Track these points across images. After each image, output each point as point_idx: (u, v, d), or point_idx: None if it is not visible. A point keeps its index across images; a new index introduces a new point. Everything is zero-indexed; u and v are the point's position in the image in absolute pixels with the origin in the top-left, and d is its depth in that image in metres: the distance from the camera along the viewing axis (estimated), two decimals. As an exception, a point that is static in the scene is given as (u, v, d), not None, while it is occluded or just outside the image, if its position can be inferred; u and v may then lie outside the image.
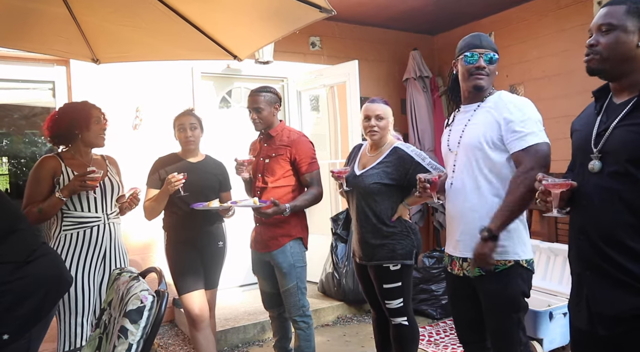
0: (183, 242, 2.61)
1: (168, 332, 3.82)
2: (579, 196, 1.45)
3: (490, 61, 1.87)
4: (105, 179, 2.39)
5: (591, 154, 1.39)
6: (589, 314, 1.40)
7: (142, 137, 3.84)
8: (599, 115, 1.44)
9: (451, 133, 2.01)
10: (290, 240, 2.57)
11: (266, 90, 2.65)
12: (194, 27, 2.39)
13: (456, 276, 1.96)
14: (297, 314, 2.60)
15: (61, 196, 2.20)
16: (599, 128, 1.41)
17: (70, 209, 2.28)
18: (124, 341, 1.35)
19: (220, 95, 4.55)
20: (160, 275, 1.62)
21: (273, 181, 2.58)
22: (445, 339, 3.48)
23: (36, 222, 2.23)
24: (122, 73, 3.73)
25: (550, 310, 2.95)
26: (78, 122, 2.32)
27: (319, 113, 4.97)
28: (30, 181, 2.27)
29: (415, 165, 2.35)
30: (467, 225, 1.88)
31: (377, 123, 2.42)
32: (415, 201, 2.46)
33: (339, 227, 4.06)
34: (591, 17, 4.53)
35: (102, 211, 2.36)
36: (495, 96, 1.90)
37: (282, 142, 2.61)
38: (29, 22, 2.38)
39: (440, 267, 3.90)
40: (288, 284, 2.57)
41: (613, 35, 1.35)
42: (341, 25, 4.73)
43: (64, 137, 2.35)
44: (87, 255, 2.30)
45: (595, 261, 1.38)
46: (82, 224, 2.30)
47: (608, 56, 1.36)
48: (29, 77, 3.67)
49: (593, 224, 1.40)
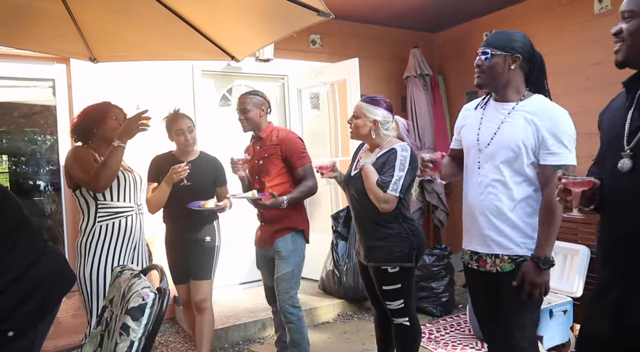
0: (170, 234, 2.81)
1: (169, 330, 3.83)
2: (609, 197, 1.37)
3: (485, 58, 1.83)
4: (133, 172, 2.50)
5: (622, 151, 1.31)
6: (613, 323, 1.32)
7: (142, 135, 3.83)
8: (631, 109, 1.33)
9: (482, 127, 1.94)
10: (291, 231, 2.69)
11: (254, 93, 2.78)
12: (192, 27, 2.40)
13: (481, 272, 1.93)
14: (287, 303, 2.64)
15: (120, 143, 2.22)
16: (631, 125, 1.31)
17: (106, 199, 2.32)
18: (125, 338, 1.35)
19: (220, 93, 4.55)
20: (161, 272, 1.62)
21: (269, 181, 2.68)
22: (445, 337, 3.48)
23: (106, 180, 2.24)
24: (123, 71, 3.73)
25: (550, 307, 2.96)
26: (96, 118, 2.40)
27: (319, 111, 4.97)
28: (74, 163, 2.30)
29: (387, 168, 2.28)
30: (503, 223, 1.85)
31: (353, 121, 2.41)
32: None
33: (339, 224, 4.06)
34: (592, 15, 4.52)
35: (134, 202, 2.43)
36: (535, 102, 1.84)
37: (271, 142, 2.72)
38: (26, 20, 2.38)
39: (440, 265, 3.91)
40: (284, 269, 2.65)
41: (635, 22, 1.27)
42: (342, 23, 4.72)
43: (84, 133, 2.41)
44: (123, 245, 2.35)
45: (630, 268, 1.29)
46: (117, 214, 2.35)
47: (632, 44, 1.28)
48: (29, 75, 3.67)
49: (626, 228, 1.30)
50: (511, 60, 1.82)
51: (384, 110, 2.39)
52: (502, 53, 1.82)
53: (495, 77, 1.85)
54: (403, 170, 2.26)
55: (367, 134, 2.40)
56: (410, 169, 2.28)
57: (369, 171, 2.30)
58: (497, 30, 1.92)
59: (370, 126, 2.37)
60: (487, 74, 1.85)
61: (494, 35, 1.89)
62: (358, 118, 2.39)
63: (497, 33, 1.89)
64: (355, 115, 2.41)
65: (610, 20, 3.78)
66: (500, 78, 1.84)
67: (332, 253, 4.04)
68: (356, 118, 2.40)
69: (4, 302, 1.67)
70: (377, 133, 2.38)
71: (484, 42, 1.88)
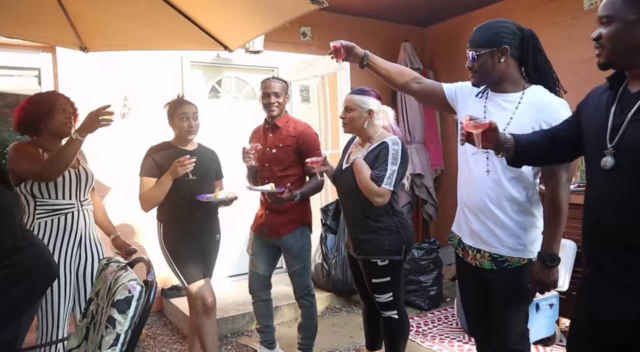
0: (183, 232, 2.56)
1: (156, 322, 3.81)
2: (592, 194, 1.38)
3: (473, 59, 1.80)
4: (78, 167, 2.35)
5: (605, 149, 1.31)
6: (590, 316, 1.36)
7: (130, 126, 3.80)
8: (613, 106, 1.34)
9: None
10: (300, 225, 2.77)
11: (280, 79, 2.77)
12: (185, 17, 2.36)
13: (468, 263, 1.95)
14: (303, 293, 2.81)
15: (78, 136, 2.11)
16: (614, 121, 1.31)
17: (44, 197, 2.22)
18: (111, 330, 1.34)
19: (210, 85, 4.50)
20: (148, 265, 1.61)
21: (280, 170, 2.70)
22: (433, 330, 3.51)
23: (57, 170, 2.14)
24: (110, 61, 3.67)
25: (536, 301, 2.99)
26: (41, 112, 2.25)
27: (309, 104, 4.95)
28: (19, 155, 2.17)
29: (380, 163, 2.29)
30: (489, 219, 1.83)
31: (346, 114, 2.40)
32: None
33: (328, 218, 4.07)
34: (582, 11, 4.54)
35: (75, 198, 2.31)
36: (535, 93, 1.79)
37: (288, 132, 2.72)
38: (14, 8, 2.33)
39: (429, 259, 3.93)
40: (297, 265, 2.77)
41: (613, 27, 1.28)
42: (332, 15, 4.70)
43: (30, 127, 2.28)
44: (63, 242, 2.26)
45: (606, 263, 1.32)
46: (55, 211, 2.25)
47: (612, 48, 1.29)
48: (14, 64, 3.59)
49: (605, 226, 1.32)
50: (500, 54, 1.77)
51: (375, 99, 2.39)
52: (487, 50, 1.77)
53: (487, 75, 1.81)
54: (396, 164, 2.28)
55: (362, 126, 2.39)
56: (401, 163, 2.29)
57: (362, 165, 2.30)
58: (479, 25, 1.84)
59: (366, 117, 2.37)
60: (479, 73, 1.82)
61: (477, 32, 1.83)
62: (352, 110, 2.38)
63: (479, 29, 1.83)
64: (348, 108, 2.40)
65: (599, 16, 3.80)
66: (493, 73, 1.80)
67: (321, 246, 4.05)
68: (350, 111, 2.39)
69: None
70: (372, 123, 2.38)
71: (469, 42, 1.83)
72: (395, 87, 2.11)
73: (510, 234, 1.81)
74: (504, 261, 1.82)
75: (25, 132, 2.31)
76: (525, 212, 1.81)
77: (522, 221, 1.81)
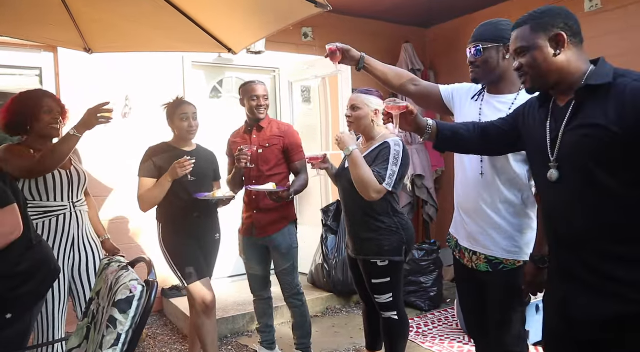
0: (183, 232, 2.57)
1: (157, 322, 3.81)
2: (546, 205, 1.46)
3: (477, 53, 1.80)
4: (70, 168, 2.32)
5: (549, 162, 1.38)
6: (562, 316, 1.41)
7: (131, 126, 3.80)
8: (547, 121, 1.43)
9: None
10: (288, 223, 2.77)
11: (261, 82, 2.78)
12: (189, 19, 2.37)
13: (464, 265, 1.95)
14: (293, 292, 2.79)
15: (76, 132, 2.08)
16: (551, 134, 1.40)
17: (36, 199, 2.20)
18: (112, 330, 1.34)
19: (211, 85, 4.51)
20: (149, 265, 1.61)
21: (268, 170, 2.72)
22: (433, 331, 3.51)
23: (52, 164, 2.11)
24: (112, 60, 3.67)
25: (536, 302, 2.99)
26: (26, 113, 2.19)
27: (310, 104, 4.95)
28: (10, 156, 2.13)
29: (381, 161, 2.29)
30: (484, 222, 1.83)
31: (352, 113, 2.40)
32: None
33: (329, 218, 4.06)
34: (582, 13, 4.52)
35: (68, 200, 2.28)
36: (528, 95, 1.79)
37: (273, 132, 2.76)
38: (20, 8, 2.33)
39: (429, 260, 3.93)
40: (285, 264, 2.76)
41: (529, 56, 1.38)
42: (334, 16, 4.69)
43: (17, 129, 2.24)
44: (55, 244, 2.24)
45: (569, 267, 1.37)
46: (47, 213, 2.23)
47: (535, 74, 1.39)
48: (15, 63, 3.60)
49: (561, 233, 1.39)
50: (505, 51, 1.77)
51: (379, 99, 2.41)
52: (494, 44, 1.77)
53: (490, 71, 1.81)
54: (396, 165, 2.29)
55: (368, 125, 2.40)
56: (402, 165, 2.30)
57: (358, 157, 2.29)
58: (483, 22, 1.85)
59: (372, 116, 2.39)
60: (482, 68, 1.81)
61: (481, 27, 1.83)
62: (359, 109, 2.39)
63: (484, 25, 1.84)
64: (354, 107, 2.40)
65: (600, 18, 3.80)
66: (496, 70, 1.80)
67: (322, 247, 4.04)
68: (356, 110, 2.40)
69: (5, 283, 1.69)
70: (377, 122, 2.40)
71: (473, 36, 1.83)
72: (392, 89, 2.11)
73: (505, 236, 1.81)
74: (499, 263, 1.82)
75: (13, 133, 2.27)
76: (521, 215, 1.81)
77: (518, 223, 1.80)
